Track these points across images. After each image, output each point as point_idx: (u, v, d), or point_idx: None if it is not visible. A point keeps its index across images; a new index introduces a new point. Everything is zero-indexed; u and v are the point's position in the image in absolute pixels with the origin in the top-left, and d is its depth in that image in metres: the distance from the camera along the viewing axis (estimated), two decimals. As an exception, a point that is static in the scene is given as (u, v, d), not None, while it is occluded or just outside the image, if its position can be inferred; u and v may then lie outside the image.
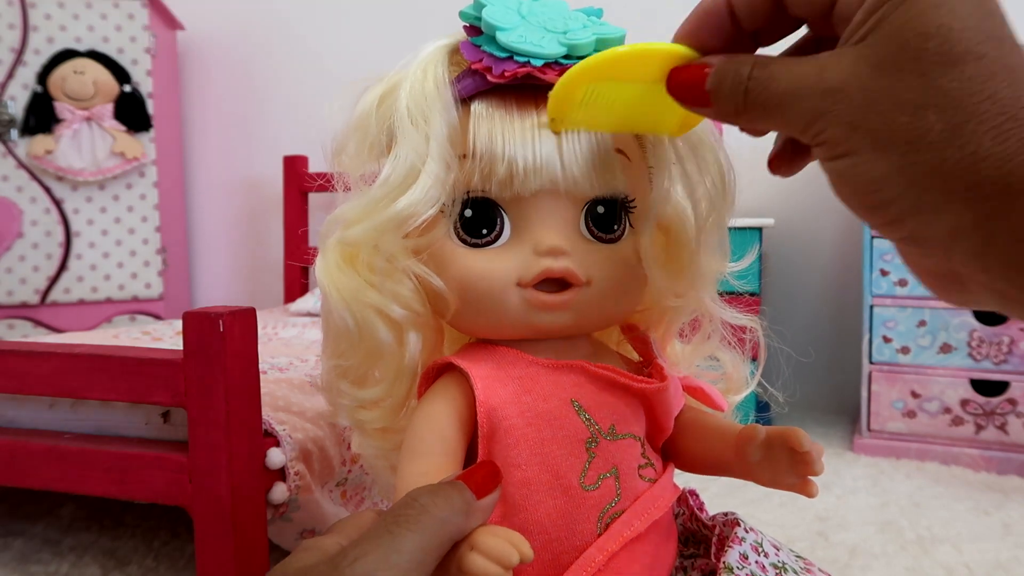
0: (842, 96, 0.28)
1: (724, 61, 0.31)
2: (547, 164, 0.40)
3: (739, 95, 0.30)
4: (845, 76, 0.28)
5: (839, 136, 0.28)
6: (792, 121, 0.29)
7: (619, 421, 0.43)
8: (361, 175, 0.45)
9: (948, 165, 0.26)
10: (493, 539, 0.35)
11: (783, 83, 0.29)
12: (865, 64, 0.27)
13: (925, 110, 0.26)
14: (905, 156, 0.27)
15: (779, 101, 0.29)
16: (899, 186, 0.27)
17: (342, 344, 0.45)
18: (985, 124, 0.25)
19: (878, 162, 0.27)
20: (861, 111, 0.27)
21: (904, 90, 0.26)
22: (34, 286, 1.79)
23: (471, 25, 0.42)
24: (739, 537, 0.45)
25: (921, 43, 0.26)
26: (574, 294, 0.41)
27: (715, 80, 0.31)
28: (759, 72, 0.30)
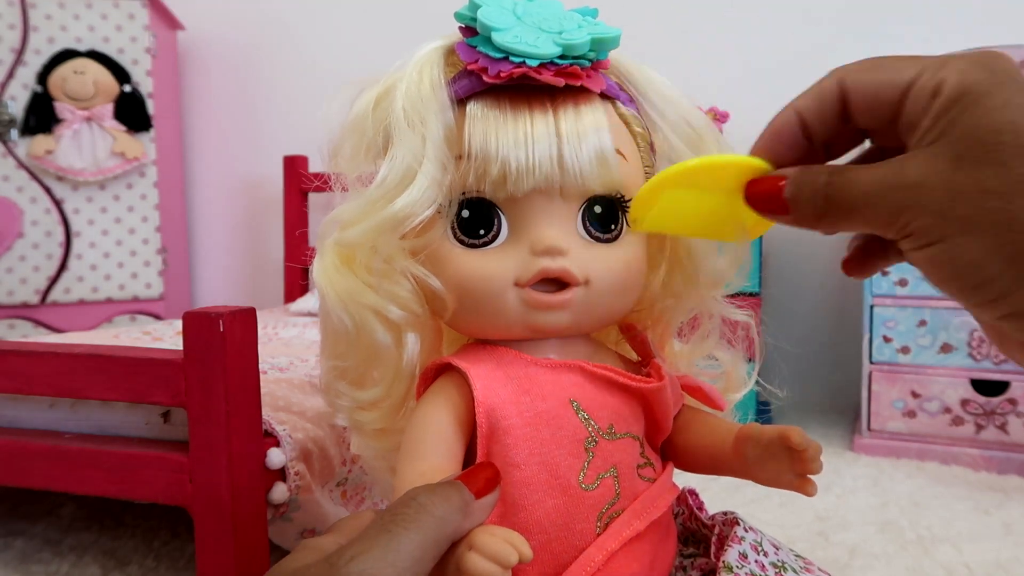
0: (925, 189, 0.29)
1: (800, 171, 0.33)
2: (540, 165, 0.40)
3: (819, 200, 0.32)
4: (925, 171, 0.29)
5: (928, 225, 0.29)
6: (877, 217, 0.31)
7: (618, 421, 0.43)
8: (358, 176, 0.45)
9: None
10: (492, 539, 0.35)
11: (863, 184, 0.31)
12: (943, 161, 0.29)
13: (1013, 196, 0.28)
14: (1000, 236, 0.28)
15: (862, 201, 0.31)
16: (998, 264, 0.28)
17: (340, 345, 0.45)
18: None
19: (972, 245, 0.29)
20: (948, 201, 0.29)
21: (988, 179, 0.28)
22: (34, 286, 1.79)
23: (467, 26, 0.42)
24: (739, 536, 0.45)
25: (996, 138, 0.28)
26: (572, 294, 0.41)
27: (793, 189, 0.33)
28: (836, 178, 0.32)
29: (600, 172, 0.41)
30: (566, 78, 0.40)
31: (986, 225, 0.28)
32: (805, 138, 0.34)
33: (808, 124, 0.34)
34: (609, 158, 0.41)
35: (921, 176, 0.29)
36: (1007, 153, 0.28)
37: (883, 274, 1.33)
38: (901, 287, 1.32)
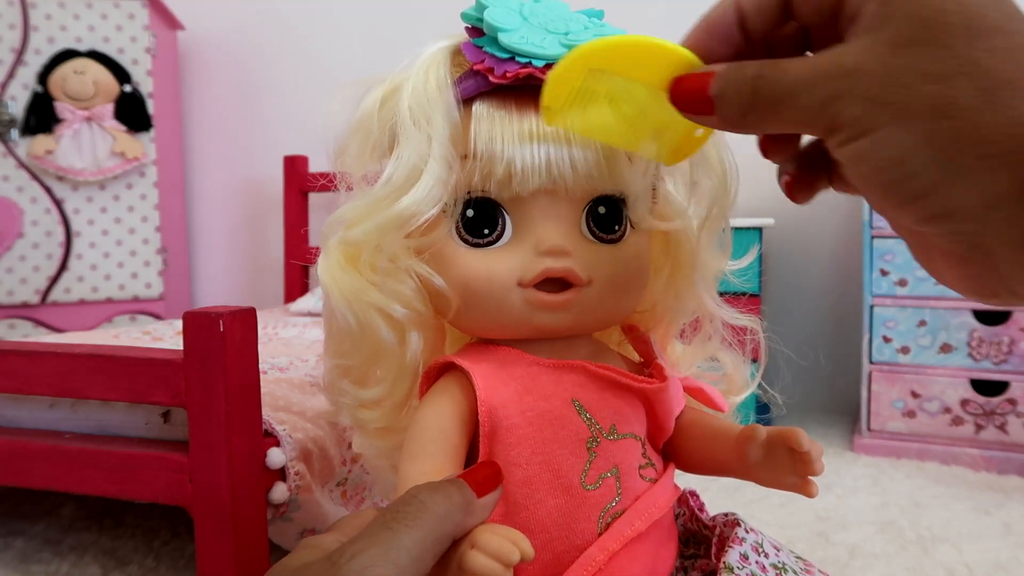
0: (860, 75, 0.27)
1: (729, 66, 0.31)
2: (545, 165, 0.40)
3: (745, 94, 0.30)
4: (861, 58, 0.27)
5: (857, 114, 0.27)
6: (804, 110, 0.28)
7: (620, 421, 0.43)
8: (363, 175, 0.45)
9: (984, 130, 0.25)
10: (494, 537, 0.35)
11: (792, 74, 0.29)
12: (883, 44, 0.27)
13: (953, 78, 0.25)
14: (934, 122, 0.26)
15: (791, 92, 0.28)
16: (926, 155, 0.26)
17: (344, 344, 0.45)
18: (1022, 91, 0.25)
19: (902, 134, 0.26)
20: (881, 86, 0.26)
21: (929, 61, 0.26)
22: (34, 286, 1.79)
23: (473, 26, 0.42)
24: (739, 537, 0.45)
25: (942, 18, 0.26)
26: (575, 294, 0.41)
27: (720, 83, 0.31)
28: (768, 70, 0.29)
29: (604, 172, 0.41)
30: (571, 78, 0.40)
31: (919, 111, 0.26)
32: (742, 33, 0.32)
33: (746, 16, 0.31)
34: (613, 159, 0.41)
35: (856, 63, 0.27)
36: (952, 33, 0.26)
37: (883, 274, 1.33)
38: (901, 287, 1.32)
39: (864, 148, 0.27)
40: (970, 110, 0.25)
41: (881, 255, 1.33)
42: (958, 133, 0.25)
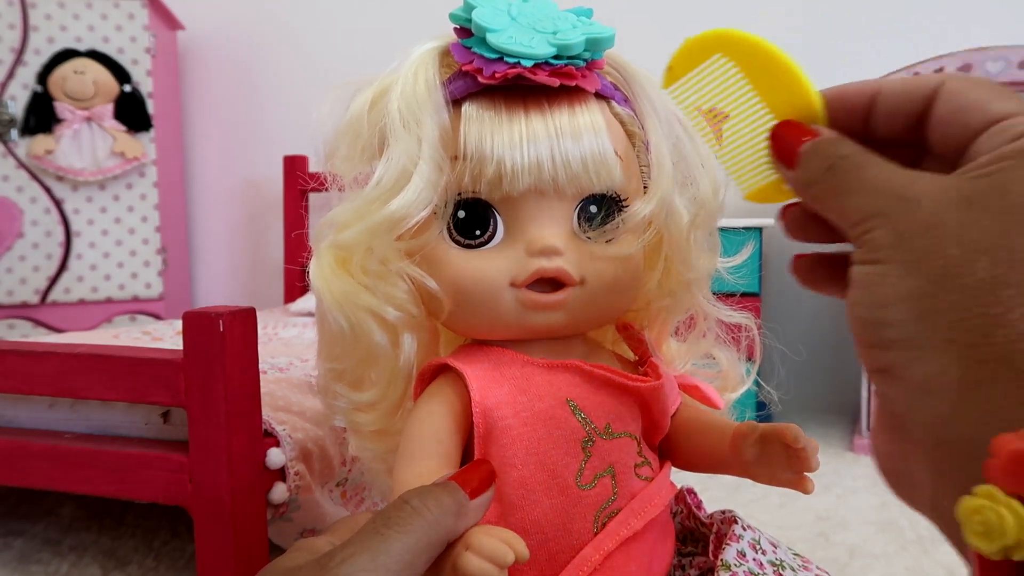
0: (911, 207, 0.27)
1: (832, 137, 0.31)
2: (535, 165, 0.40)
3: (823, 168, 0.30)
4: (929, 192, 0.27)
5: (883, 241, 0.27)
6: (852, 209, 0.28)
7: (615, 420, 0.43)
8: (354, 178, 0.45)
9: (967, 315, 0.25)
10: (488, 538, 0.35)
11: (870, 172, 0.28)
12: (956, 192, 0.26)
13: (980, 254, 0.25)
14: (931, 285, 0.25)
15: (855, 187, 0.28)
16: (908, 312, 0.26)
17: (337, 347, 0.45)
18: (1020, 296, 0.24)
19: (903, 280, 0.26)
20: (918, 228, 0.26)
21: (973, 226, 0.25)
22: (34, 286, 1.79)
23: (461, 27, 0.42)
24: (736, 535, 0.45)
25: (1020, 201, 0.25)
26: (568, 294, 0.41)
27: (812, 146, 0.31)
28: (854, 158, 0.29)
29: (595, 172, 0.41)
30: (561, 78, 0.40)
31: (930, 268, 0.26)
32: (864, 119, 0.32)
33: (880, 107, 0.31)
34: (604, 158, 0.41)
35: (921, 195, 0.27)
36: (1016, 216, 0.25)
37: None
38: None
39: (870, 275, 0.27)
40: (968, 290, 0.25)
41: (881, 254, 1.33)
42: (943, 305, 0.25)
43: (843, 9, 1.63)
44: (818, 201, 0.31)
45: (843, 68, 1.60)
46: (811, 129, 0.32)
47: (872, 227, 0.27)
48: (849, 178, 0.29)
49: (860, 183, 0.28)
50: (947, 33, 1.53)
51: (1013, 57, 1.25)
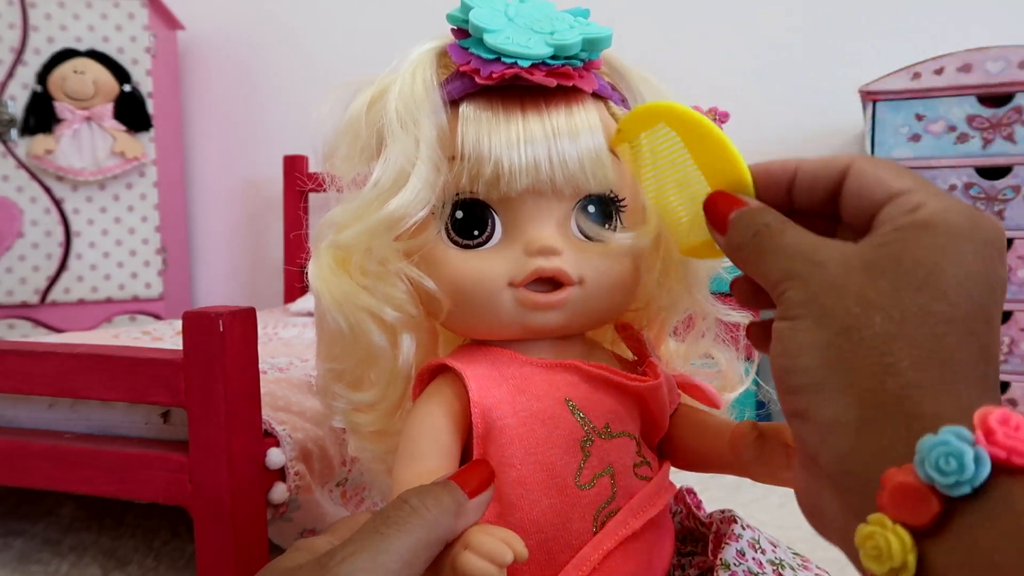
0: (820, 270, 0.30)
1: (757, 206, 0.35)
2: (532, 165, 0.40)
3: (748, 234, 0.34)
4: (837, 257, 0.30)
5: (796, 300, 0.30)
6: (771, 271, 0.32)
7: (614, 420, 0.43)
8: (352, 179, 0.45)
9: (865, 363, 0.28)
10: (487, 538, 0.35)
11: (787, 239, 0.32)
12: (859, 258, 0.30)
13: (876, 311, 0.28)
14: (836, 336, 0.29)
15: (776, 251, 0.32)
16: (816, 360, 0.29)
17: (336, 348, 0.45)
18: (916, 351, 0.27)
19: (812, 333, 0.29)
20: (825, 288, 0.30)
21: (871, 287, 0.29)
22: (34, 286, 1.79)
23: (459, 27, 0.42)
24: (736, 534, 0.45)
25: (912, 267, 0.28)
26: (566, 294, 0.41)
27: (739, 215, 0.35)
28: (776, 224, 0.33)
29: (593, 172, 0.41)
30: (558, 78, 0.40)
31: (834, 322, 0.29)
32: (787, 191, 0.35)
33: (799, 182, 0.35)
34: (602, 158, 0.41)
35: (827, 258, 0.30)
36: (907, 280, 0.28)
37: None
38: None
39: (785, 329, 0.30)
40: (866, 341, 0.28)
41: (880, 254, 1.33)
42: (847, 355, 0.28)
43: (843, 9, 1.63)
44: (745, 264, 0.34)
45: (843, 68, 1.61)
46: (740, 199, 0.35)
47: (787, 288, 0.31)
48: (769, 243, 0.33)
49: (778, 248, 0.32)
50: (947, 33, 1.53)
51: (1013, 57, 1.25)
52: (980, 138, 1.28)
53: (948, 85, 1.28)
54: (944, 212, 0.29)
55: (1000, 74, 1.26)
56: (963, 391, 0.27)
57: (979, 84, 1.27)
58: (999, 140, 1.28)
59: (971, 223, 0.29)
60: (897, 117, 1.32)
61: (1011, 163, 1.27)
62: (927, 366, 0.27)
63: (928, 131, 1.31)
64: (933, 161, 1.31)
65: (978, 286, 0.29)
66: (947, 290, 0.28)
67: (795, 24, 1.66)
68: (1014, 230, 1.27)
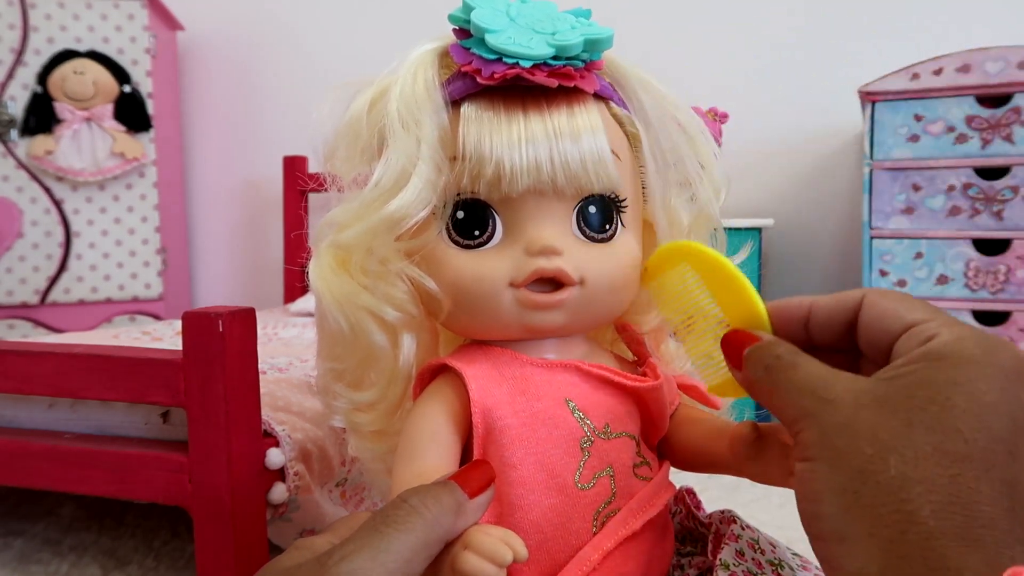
0: (832, 409, 0.30)
1: (771, 340, 0.35)
2: (534, 165, 0.40)
3: (761, 368, 0.34)
4: (848, 395, 0.30)
5: (810, 439, 0.30)
6: (787, 408, 0.32)
7: (614, 420, 0.43)
8: (353, 179, 0.45)
9: (884, 510, 0.27)
10: (487, 538, 0.35)
11: (800, 374, 0.32)
12: (871, 395, 0.29)
13: (889, 452, 0.27)
14: (852, 480, 0.28)
15: (787, 387, 0.32)
16: (837, 505, 0.28)
17: (336, 347, 0.45)
18: (936, 495, 0.26)
19: (830, 476, 0.29)
20: (838, 428, 0.29)
21: (884, 429, 0.28)
22: (34, 286, 1.79)
23: (460, 28, 0.42)
24: (735, 534, 0.45)
25: (924, 403, 0.28)
26: (567, 294, 0.41)
27: (752, 350, 0.35)
28: (788, 357, 0.33)
29: (594, 172, 0.41)
30: (559, 79, 0.40)
31: (848, 465, 0.28)
32: (804, 328, 0.36)
33: (814, 318, 0.35)
34: (603, 158, 0.41)
35: (839, 397, 0.30)
36: (922, 418, 0.27)
37: (882, 274, 1.33)
38: (900, 288, 1.32)
39: (804, 471, 0.30)
40: (883, 486, 0.27)
41: (880, 255, 1.33)
42: (864, 501, 0.27)
43: (843, 9, 1.63)
44: (762, 399, 0.35)
45: (843, 68, 1.61)
46: (755, 335, 0.36)
47: (802, 427, 0.31)
48: (781, 377, 0.33)
49: (790, 383, 0.32)
50: (947, 33, 1.53)
51: (1013, 57, 1.25)
52: (979, 139, 1.29)
53: (947, 86, 1.29)
54: (957, 342, 0.29)
55: (999, 75, 1.26)
56: (988, 538, 0.25)
57: (978, 85, 1.27)
58: (998, 140, 1.28)
59: (986, 352, 0.28)
60: (896, 117, 1.33)
61: (1010, 163, 1.27)
62: (948, 513, 0.26)
63: (927, 131, 1.31)
64: (932, 162, 1.31)
65: (997, 419, 0.27)
66: (960, 426, 0.27)
67: (795, 24, 1.66)
68: (1013, 230, 1.27)
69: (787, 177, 1.66)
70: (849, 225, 1.64)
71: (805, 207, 1.67)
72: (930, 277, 1.30)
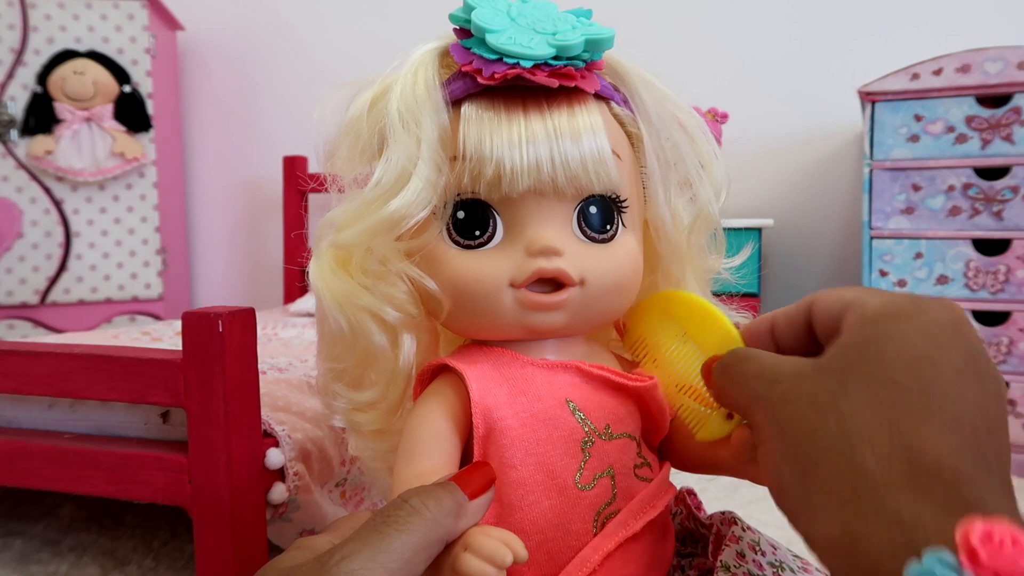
0: (775, 386, 0.31)
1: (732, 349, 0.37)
2: (534, 165, 0.40)
3: (720, 370, 0.36)
4: (792, 372, 0.31)
5: (761, 421, 0.31)
6: (740, 399, 0.33)
7: (614, 421, 0.43)
8: (354, 179, 0.45)
9: (834, 468, 0.27)
10: (487, 539, 0.35)
11: (751, 365, 0.33)
12: (812, 367, 0.30)
13: (829, 413, 0.28)
14: (801, 446, 0.29)
15: (741, 379, 0.34)
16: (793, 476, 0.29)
17: (337, 347, 0.45)
18: (877, 445, 0.27)
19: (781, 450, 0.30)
20: (781, 402, 0.30)
21: (823, 392, 0.29)
22: (34, 286, 1.79)
23: (461, 28, 0.42)
24: (736, 536, 0.45)
25: (857, 361, 0.29)
26: (567, 294, 0.41)
27: (717, 362, 0.37)
28: (742, 353, 0.35)
29: (595, 173, 0.41)
30: (560, 79, 0.40)
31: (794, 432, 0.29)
32: (773, 341, 0.37)
33: (777, 329, 0.37)
34: (604, 158, 0.41)
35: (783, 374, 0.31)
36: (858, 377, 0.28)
37: (882, 274, 1.33)
38: (900, 288, 1.32)
39: (761, 453, 0.31)
40: (826, 447, 0.28)
41: (880, 255, 1.33)
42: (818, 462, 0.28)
43: (843, 9, 1.63)
44: (724, 401, 0.36)
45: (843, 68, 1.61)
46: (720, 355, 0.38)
47: (753, 411, 0.32)
48: (735, 372, 0.34)
49: (743, 375, 0.34)
50: (947, 33, 1.53)
51: (1012, 58, 1.25)
52: (979, 139, 1.29)
53: (947, 86, 1.29)
54: (888, 304, 0.30)
55: (999, 75, 1.26)
56: (938, 485, 0.25)
57: (978, 85, 1.27)
58: (998, 141, 1.28)
59: (916, 308, 0.29)
60: (896, 118, 1.33)
61: (1010, 164, 1.27)
62: (891, 460, 0.26)
63: (927, 132, 1.31)
64: (932, 162, 1.31)
65: (931, 366, 0.28)
66: (893, 375, 0.28)
67: (795, 24, 1.66)
68: (1013, 230, 1.27)
69: (787, 177, 1.66)
70: (849, 225, 1.64)
71: (805, 207, 1.67)
72: (930, 277, 1.30)
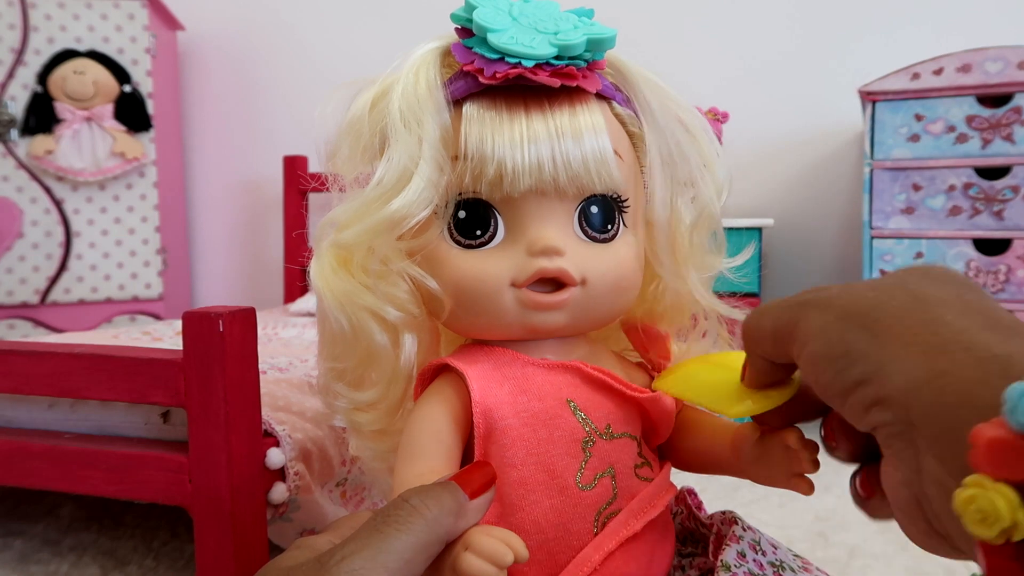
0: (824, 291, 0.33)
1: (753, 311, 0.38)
2: (536, 165, 0.40)
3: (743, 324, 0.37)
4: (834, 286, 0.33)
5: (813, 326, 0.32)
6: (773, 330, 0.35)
7: (615, 421, 0.43)
8: (355, 178, 0.45)
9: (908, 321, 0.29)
10: (488, 539, 0.35)
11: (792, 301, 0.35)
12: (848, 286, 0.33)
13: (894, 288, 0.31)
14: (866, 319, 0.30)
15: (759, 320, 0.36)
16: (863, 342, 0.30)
17: (338, 347, 0.45)
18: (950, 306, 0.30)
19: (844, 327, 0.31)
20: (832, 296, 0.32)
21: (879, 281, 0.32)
22: (34, 286, 1.79)
23: (462, 27, 0.42)
24: (737, 535, 0.45)
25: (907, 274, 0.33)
26: (568, 294, 0.41)
27: None
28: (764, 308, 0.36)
29: (596, 172, 0.41)
30: (562, 78, 0.40)
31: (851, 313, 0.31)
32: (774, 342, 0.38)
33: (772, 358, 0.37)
34: (605, 158, 0.41)
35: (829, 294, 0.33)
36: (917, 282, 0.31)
37: (882, 274, 1.33)
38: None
39: (818, 347, 0.31)
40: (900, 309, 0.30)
41: (880, 255, 1.33)
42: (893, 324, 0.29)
43: (843, 9, 1.63)
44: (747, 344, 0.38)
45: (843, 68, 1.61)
46: None
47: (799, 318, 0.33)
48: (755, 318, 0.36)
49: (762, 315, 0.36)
50: (947, 33, 1.53)
51: (1012, 57, 1.25)
52: (979, 138, 1.28)
53: (947, 85, 1.29)
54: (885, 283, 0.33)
55: (999, 74, 1.26)
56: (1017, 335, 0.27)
57: (978, 84, 1.27)
58: (998, 140, 1.28)
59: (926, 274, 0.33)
60: (896, 117, 1.32)
61: (1010, 163, 1.27)
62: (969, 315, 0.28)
63: (927, 131, 1.31)
64: (932, 162, 1.31)
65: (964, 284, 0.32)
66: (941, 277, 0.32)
67: (795, 24, 1.66)
68: (1013, 230, 1.27)
69: (787, 177, 1.66)
70: (849, 225, 1.64)
71: (805, 207, 1.67)
72: (930, 277, 1.30)
